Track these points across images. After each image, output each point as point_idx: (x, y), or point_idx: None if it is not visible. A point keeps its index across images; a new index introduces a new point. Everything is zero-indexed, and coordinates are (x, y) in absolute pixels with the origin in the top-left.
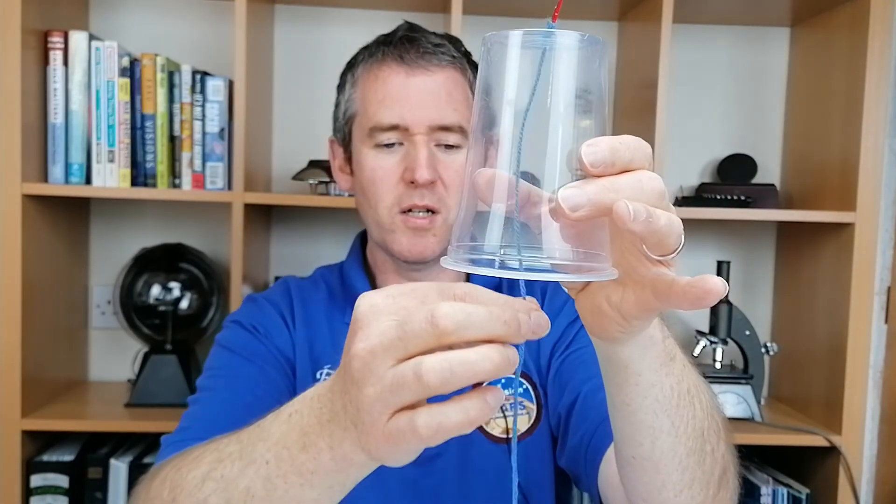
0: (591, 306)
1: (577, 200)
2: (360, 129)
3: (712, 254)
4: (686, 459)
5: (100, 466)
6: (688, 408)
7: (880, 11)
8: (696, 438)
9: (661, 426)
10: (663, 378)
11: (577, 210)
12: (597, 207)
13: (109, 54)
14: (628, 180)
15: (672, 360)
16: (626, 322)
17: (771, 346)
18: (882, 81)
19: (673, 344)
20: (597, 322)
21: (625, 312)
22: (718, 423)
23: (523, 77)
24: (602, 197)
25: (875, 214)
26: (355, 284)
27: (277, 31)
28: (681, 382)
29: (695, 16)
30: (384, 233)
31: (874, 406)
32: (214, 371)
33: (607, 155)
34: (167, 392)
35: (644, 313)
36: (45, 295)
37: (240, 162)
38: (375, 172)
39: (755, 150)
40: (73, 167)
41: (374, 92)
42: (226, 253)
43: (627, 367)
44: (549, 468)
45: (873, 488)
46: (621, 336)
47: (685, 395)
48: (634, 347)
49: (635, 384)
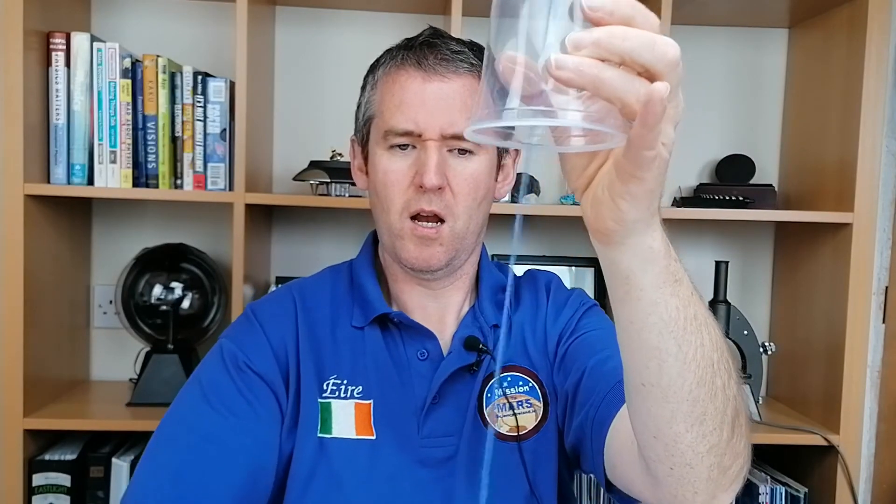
0: (591, 197)
1: (581, 41)
2: (377, 131)
3: (710, 254)
4: (696, 390)
5: (101, 465)
6: (695, 334)
7: (878, 13)
8: (705, 368)
9: (667, 348)
10: (668, 297)
11: (577, 49)
12: (598, 49)
13: (111, 55)
14: (639, 33)
15: (678, 283)
16: (616, 207)
17: (769, 345)
18: (880, 82)
19: (680, 269)
20: (593, 215)
21: (614, 190)
22: (729, 361)
23: None
24: (606, 40)
25: (873, 215)
26: (365, 285)
27: (278, 33)
28: (687, 307)
29: (693, 17)
30: (394, 238)
31: (872, 405)
32: (180, 414)
33: (608, 2)
34: (169, 391)
35: (626, 184)
36: (48, 295)
37: (241, 162)
38: (388, 175)
39: (753, 150)
40: (76, 168)
41: (392, 96)
42: (227, 253)
43: (628, 279)
44: (556, 465)
45: (871, 487)
46: (616, 230)
47: (692, 319)
48: (634, 257)
49: (637, 299)
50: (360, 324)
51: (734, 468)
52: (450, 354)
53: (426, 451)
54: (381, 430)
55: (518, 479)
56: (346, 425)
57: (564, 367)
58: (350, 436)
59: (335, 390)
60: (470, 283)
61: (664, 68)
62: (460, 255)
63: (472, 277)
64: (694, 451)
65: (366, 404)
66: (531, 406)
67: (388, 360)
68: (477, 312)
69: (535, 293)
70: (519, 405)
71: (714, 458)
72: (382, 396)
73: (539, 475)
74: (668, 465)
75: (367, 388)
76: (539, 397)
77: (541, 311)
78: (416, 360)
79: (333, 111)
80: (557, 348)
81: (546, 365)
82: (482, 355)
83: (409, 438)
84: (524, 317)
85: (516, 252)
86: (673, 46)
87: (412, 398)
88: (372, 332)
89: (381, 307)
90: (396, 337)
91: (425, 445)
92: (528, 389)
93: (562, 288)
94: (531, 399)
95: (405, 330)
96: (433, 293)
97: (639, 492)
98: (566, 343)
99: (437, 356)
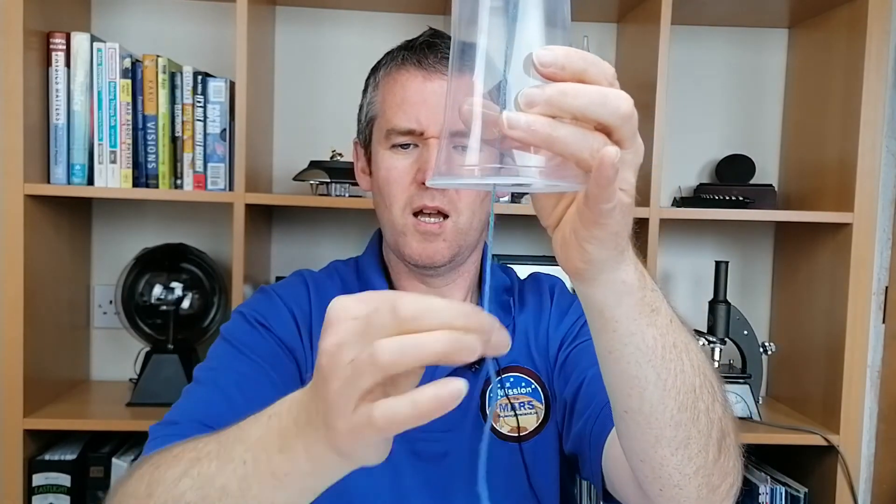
0: (560, 238)
1: (533, 98)
2: (379, 131)
3: (710, 254)
4: (678, 415)
5: (101, 465)
6: (675, 361)
7: (878, 13)
8: (686, 394)
9: (646, 377)
10: (644, 328)
11: (530, 107)
12: (550, 108)
13: (111, 55)
14: (590, 90)
15: (654, 313)
16: (582, 249)
17: (769, 345)
18: (880, 82)
19: (658, 298)
20: (563, 255)
21: (578, 235)
22: (713, 384)
23: (487, 7)
24: (557, 99)
25: (873, 215)
26: (371, 279)
27: (278, 33)
28: (666, 335)
29: (693, 17)
30: (397, 235)
31: (872, 405)
32: (210, 363)
33: (560, 57)
34: (169, 391)
35: (589, 230)
36: (48, 295)
37: (241, 162)
38: (390, 173)
39: (753, 150)
40: (76, 168)
41: (393, 95)
42: (227, 253)
43: (602, 312)
44: (556, 467)
45: (871, 487)
46: (585, 269)
47: (671, 348)
48: (606, 292)
49: (613, 330)
50: None
51: (723, 486)
52: None
53: (423, 445)
54: None
55: (518, 480)
56: None
57: (565, 373)
58: None
59: None
60: (472, 281)
61: (617, 122)
62: (463, 251)
63: (474, 276)
64: (681, 472)
65: None
66: (533, 408)
67: None
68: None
69: (539, 296)
70: (521, 406)
71: (702, 479)
72: None
73: (539, 476)
74: (657, 486)
75: None
76: (541, 399)
77: (544, 314)
78: None
79: (333, 111)
80: (559, 353)
81: (547, 368)
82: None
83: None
84: (528, 318)
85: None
86: (625, 100)
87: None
88: None
89: None
90: None
91: (422, 439)
92: (531, 391)
93: (565, 292)
94: (533, 400)
95: None
96: (436, 291)
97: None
98: (567, 349)
99: None
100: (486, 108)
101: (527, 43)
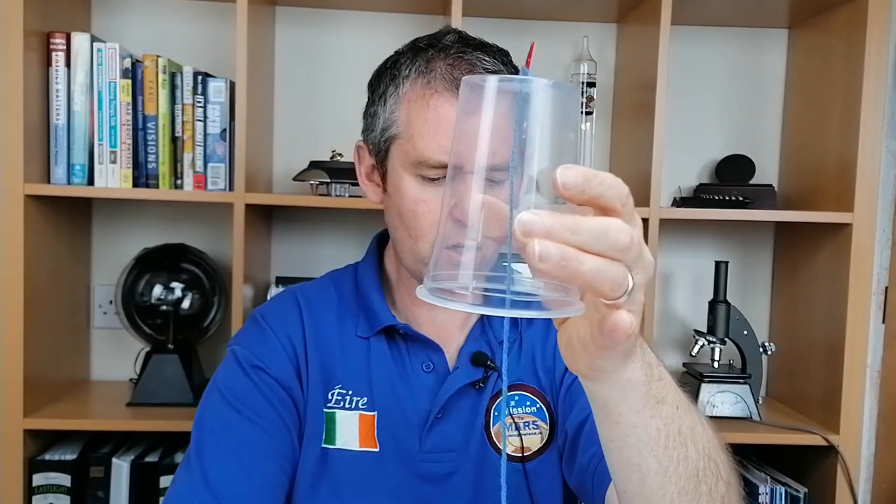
0: (565, 338)
1: (532, 227)
2: (403, 155)
3: (710, 254)
4: (678, 499)
5: (102, 465)
6: (679, 449)
7: (878, 13)
8: (689, 479)
9: (647, 465)
10: (647, 420)
11: (528, 236)
12: (548, 238)
13: (111, 56)
14: (593, 224)
15: (660, 403)
16: (590, 360)
17: (769, 345)
18: (879, 83)
19: (664, 386)
20: (568, 355)
21: (588, 350)
22: (718, 463)
23: (499, 120)
24: (557, 232)
25: (872, 215)
26: (370, 294)
27: (278, 33)
28: (670, 425)
29: (693, 17)
30: (419, 263)
31: (872, 405)
32: (215, 430)
33: (580, 179)
34: (169, 391)
35: (600, 350)
36: (48, 295)
37: (241, 163)
38: (418, 206)
39: (753, 150)
40: (76, 168)
41: (424, 121)
42: (227, 253)
43: (605, 406)
44: (559, 487)
45: (871, 487)
46: (591, 374)
47: (675, 436)
48: (611, 389)
49: (615, 423)
50: (366, 334)
51: None
52: (456, 370)
53: (427, 466)
54: (385, 443)
55: (521, 501)
56: (350, 436)
57: (570, 398)
58: (353, 447)
59: (340, 400)
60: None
61: (617, 255)
62: None
63: None
64: None
65: (370, 416)
66: (537, 427)
67: (393, 371)
68: (486, 325)
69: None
70: (525, 426)
71: None
72: (386, 408)
73: (543, 497)
74: None
75: (371, 399)
76: (546, 419)
77: (552, 333)
78: (420, 372)
79: (333, 111)
80: (565, 375)
81: (553, 388)
82: (489, 371)
83: (410, 452)
84: (535, 336)
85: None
86: (625, 232)
87: (415, 411)
88: (378, 343)
89: (388, 318)
90: (402, 348)
91: (427, 460)
92: (535, 410)
93: None
94: (538, 420)
95: (411, 342)
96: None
97: None
98: (573, 374)
99: (442, 369)
100: (492, 214)
101: (539, 153)
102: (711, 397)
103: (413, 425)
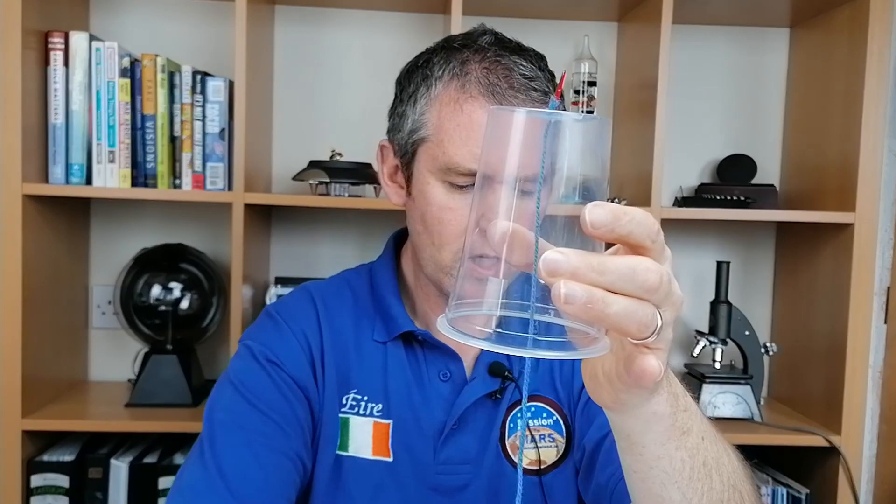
0: (590, 371)
1: (557, 267)
2: (432, 159)
3: (712, 254)
4: None
5: (100, 466)
6: (703, 480)
7: (879, 12)
8: None
9: (671, 497)
10: (672, 452)
11: (553, 276)
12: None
13: (110, 55)
14: (619, 264)
15: (685, 434)
16: (615, 394)
17: (770, 346)
18: (881, 82)
19: (689, 417)
20: (592, 387)
21: (613, 384)
22: (743, 494)
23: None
24: (583, 273)
25: (874, 215)
26: (388, 299)
27: (278, 32)
28: (695, 456)
29: (694, 17)
30: (441, 272)
31: (873, 406)
32: (228, 423)
33: (609, 218)
34: (167, 392)
35: (626, 387)
36: (46, 295)
37: (240, 162)
38: (444, 213)
39: (755, 150)
40: (74, 167)
41: (456, 127)
42: (226, 253)
43: (629, 437)
44: (575, 501)
45: (873, 488)
46: (615, 407)
47: (700, 468)
48: (636, 421)
49: (639, 454)
50: (383, 339)
51: None
52: (473, 380)
53: (441, 478)
54: (399, 453)
55: None
56: (363, 444)
57: (588, 413)
58: (366, 455)
59: (355, 406)
60: None
61: (645, 296)
62: None
63: None
64: None
65: (385, 424)
66: (553, 441)
67: (410, 378)
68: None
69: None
70: (542, 438)
71: None
72: (402, 417)
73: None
74: None
75: (387, 406)
76: (562, 432)
77: None
78: (437, 380)
79: (333, 111)
80: (583, 389)
81: (571, 401)
82: (507, 382)
83: (424, 463)
84: None
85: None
86: (654, 272)
87: (430, 421)
88: (395, 349)
89: (407, 324)
90: (419, 355)
91: (441, 472)
92: (552, 423)
93: None
94: (554, 433)
95: (429, 348)
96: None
97: None
98: None
99: (459, 378)
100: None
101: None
102: (713, 398)
103: (428, 436)
